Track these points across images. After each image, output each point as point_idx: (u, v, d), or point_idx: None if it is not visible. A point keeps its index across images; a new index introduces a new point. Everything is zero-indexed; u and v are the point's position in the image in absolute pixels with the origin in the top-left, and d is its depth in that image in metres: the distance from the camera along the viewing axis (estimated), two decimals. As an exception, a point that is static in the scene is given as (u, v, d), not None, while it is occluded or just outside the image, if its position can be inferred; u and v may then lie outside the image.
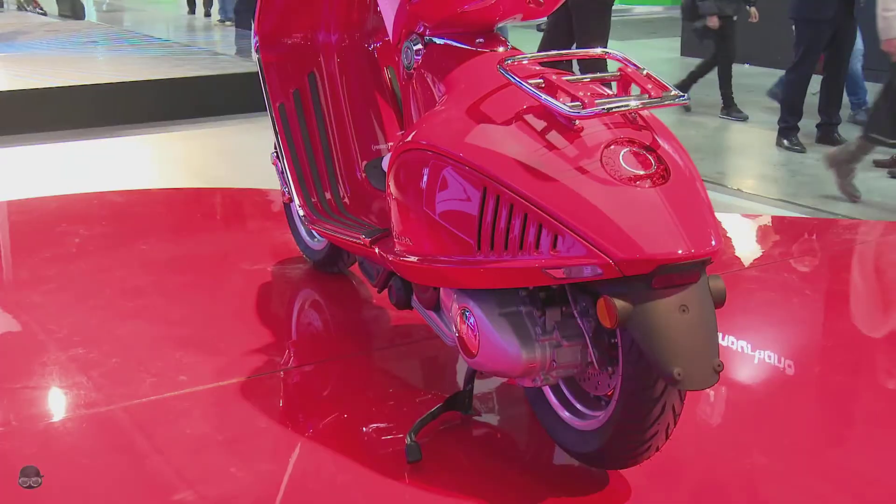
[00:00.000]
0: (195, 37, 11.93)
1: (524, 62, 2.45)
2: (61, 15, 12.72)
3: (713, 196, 2.31)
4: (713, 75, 7.79)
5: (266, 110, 3.55)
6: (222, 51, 9.27)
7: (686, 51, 10.79)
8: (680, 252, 2.08)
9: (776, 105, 6.99)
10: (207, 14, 14.33)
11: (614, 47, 3.08)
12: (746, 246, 4.64)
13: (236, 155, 6.16)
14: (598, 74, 2.46)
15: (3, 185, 5.23)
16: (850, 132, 6.75)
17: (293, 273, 3.93)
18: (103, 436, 2.73)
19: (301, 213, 3.42)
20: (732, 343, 3.34)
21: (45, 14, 12.78)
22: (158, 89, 7.03)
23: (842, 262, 4.35)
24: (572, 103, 2.21)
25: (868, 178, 5.79)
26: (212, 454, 2.62)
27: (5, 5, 13.91)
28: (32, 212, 4.78)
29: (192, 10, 15.03)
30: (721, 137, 7.22)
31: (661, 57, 10.75)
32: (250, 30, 3.64)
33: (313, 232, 3.56)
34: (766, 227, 4.99)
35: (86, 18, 12.78)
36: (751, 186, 5.81)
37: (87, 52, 8.73)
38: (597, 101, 2.20)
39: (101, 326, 3.40)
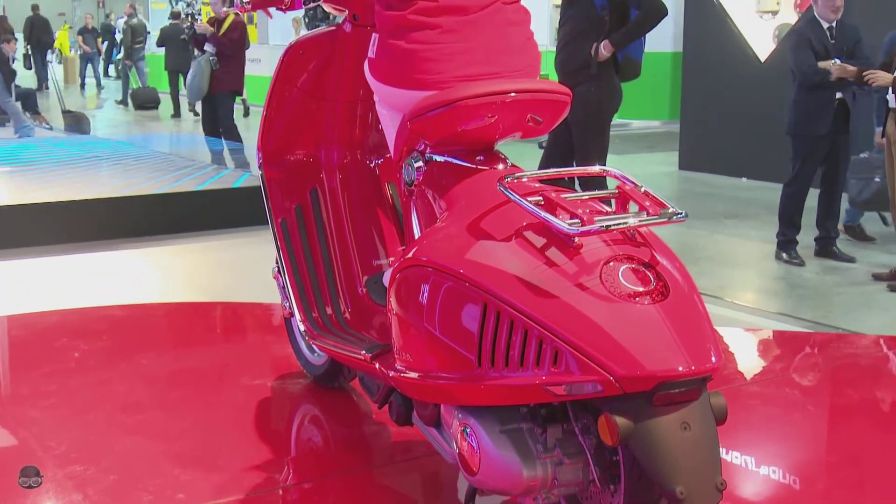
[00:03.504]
0: (195, 148, 12.01)
1: (524, 179, 2.49)
2: (67, 129, 12.88)
3: (712, 310, 2.32)
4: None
5: (267, 224, 3.59)
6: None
7: (684, 165, 10.91)
8: (680, 369, 2.08)
9: (776, 219, 7.01)
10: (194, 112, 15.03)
11: (613, 162, 3.13)
12: (747, 360, 4.63)
13: (237, 268, 6.18)
14: (597, 192, 2.49)
15: (3, 300, 5.24)
16: (847, 246, 6.78)
17: (294, 388, 3.91)
18: (99, 555, 2.69)
19: (302, 327, 3.42)
20: (735, 459, 3.31)
21: (51, 129, 12.95)
22: (159, 203, 7.08)
23: (844, 377, 4.33)
24: (571, 220, 2.24)
25: (867, 292, 5.80)
26: (208, 574, 2.58)
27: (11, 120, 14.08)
28: (33, 326, 4.78)
29: (177, 113, 16.19)
30: (719, 250, 7.25)
31: (660, 171, 10.85)
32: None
33: (314, 347, 3.56)
34: (766, 342, 4.98)
35: (91, 133, 12.94)
36: (750, 300, 5.82)
37: (92, 166, 8.82)
38: (596, 219, 2.23)
39: (99, 442, 3.38)
